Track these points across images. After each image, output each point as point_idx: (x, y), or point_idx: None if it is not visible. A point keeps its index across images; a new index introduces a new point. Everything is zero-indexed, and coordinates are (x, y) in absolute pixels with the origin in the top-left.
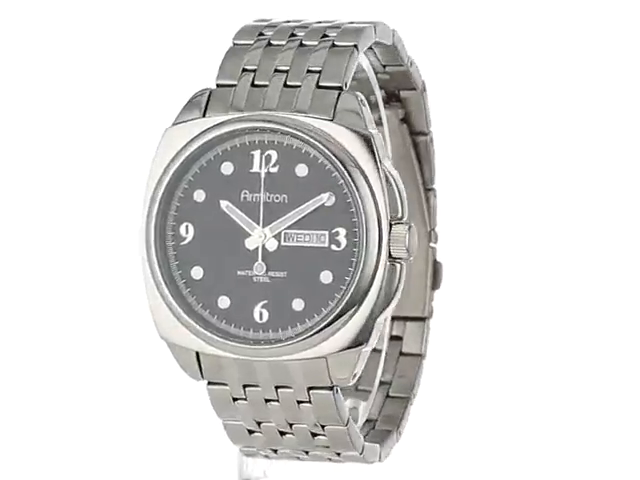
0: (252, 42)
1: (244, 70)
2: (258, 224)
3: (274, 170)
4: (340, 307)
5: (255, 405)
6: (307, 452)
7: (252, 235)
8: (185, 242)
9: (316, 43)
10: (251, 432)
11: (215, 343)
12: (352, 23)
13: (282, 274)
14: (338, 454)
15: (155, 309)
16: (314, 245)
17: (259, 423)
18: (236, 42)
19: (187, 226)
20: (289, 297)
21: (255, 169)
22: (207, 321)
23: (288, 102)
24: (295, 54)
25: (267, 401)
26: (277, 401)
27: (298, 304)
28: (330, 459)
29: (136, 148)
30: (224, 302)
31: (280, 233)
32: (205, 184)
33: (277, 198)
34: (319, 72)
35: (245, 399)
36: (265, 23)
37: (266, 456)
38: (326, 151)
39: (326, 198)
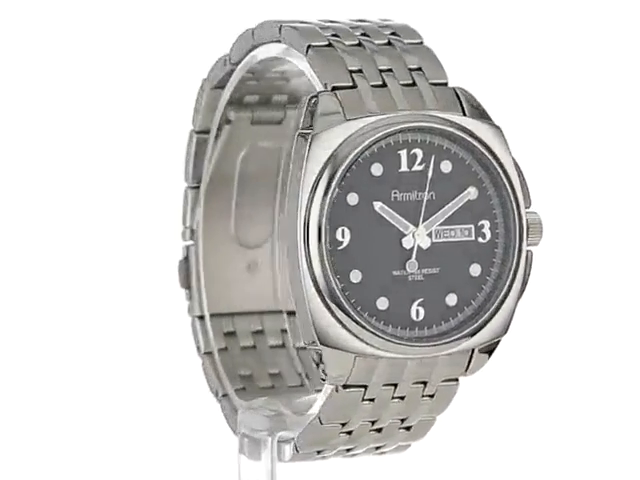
0: (326, 43)
1: (350, 71)
2: (412, 223)
3: (420, 168)
4: (491, 299)
5: (380, 405)
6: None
7: (407, 234)
8: (342, 246)
9: (386, 42)
10: (340, 434)
11: (377, 344)
12: (387, 20)
13: (435, 270)
14: (398, 447)
15: (317, 315)
16: (461, 239)
17: (360, 423)
18: (313, 44)
19: (343, 230)
20: (443, 293)
21: (403, 168)
22: (368, 323)
23: (417, 101)
24: (386, 53)
25: (393, 399)
26: (403, 398)
27: (451, 299)
28: (380, 453)
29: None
30: (383, 303)
31: (432, 230)
32: (357, 187)
33: (425, 196)
34: (420, 69)
35: (373, 400)
36: (310, 25)
37: (322, 457)
38: (469, 146)
39: (471, 192)
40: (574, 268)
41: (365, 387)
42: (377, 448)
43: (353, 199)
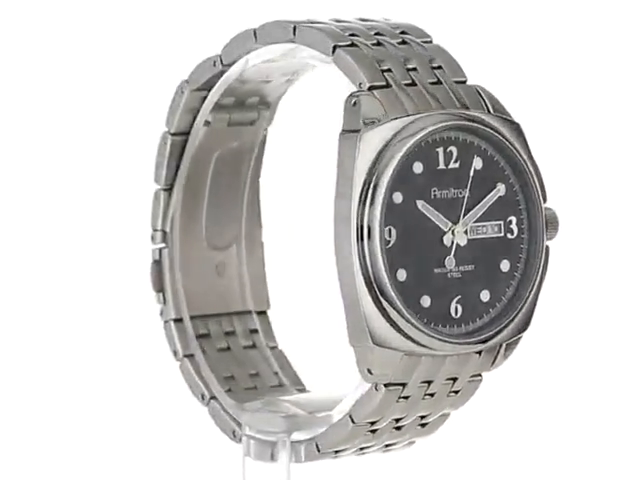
0: (350, 43)
1: (382, 71)
2: (452, 220)
3: (456, 165)
4: (520, 295)
5: (412, 402)
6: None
7: (447, 232)
8: (389, 245)
9: (401, 41)
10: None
11: (424, 341)
12: (389, 20)
13: (470, 267)
14: (405, 444)
15: (369, 315)
16: (492, 236)
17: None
18: (339, 44)
19: (390, 229)
20: (477, 289)
21: (441, 166)
22: (416, 320)
23: (447, 99)
24: (407, 53)
25: (424, 396)
26: (433, 395)
27: (485, 295)
28: (387, 450)
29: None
30: (426, 301)
31: (468, 227)
32: (401, 185)
33: (461, 193)
34: (440, 68)
35: (407, 398)
36: (327, 25)
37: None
38: (497, 142)
39: (501, 189)
40: (573, 267)
41: (404, 385)
42: (387, 446)
43: (398, 198)
